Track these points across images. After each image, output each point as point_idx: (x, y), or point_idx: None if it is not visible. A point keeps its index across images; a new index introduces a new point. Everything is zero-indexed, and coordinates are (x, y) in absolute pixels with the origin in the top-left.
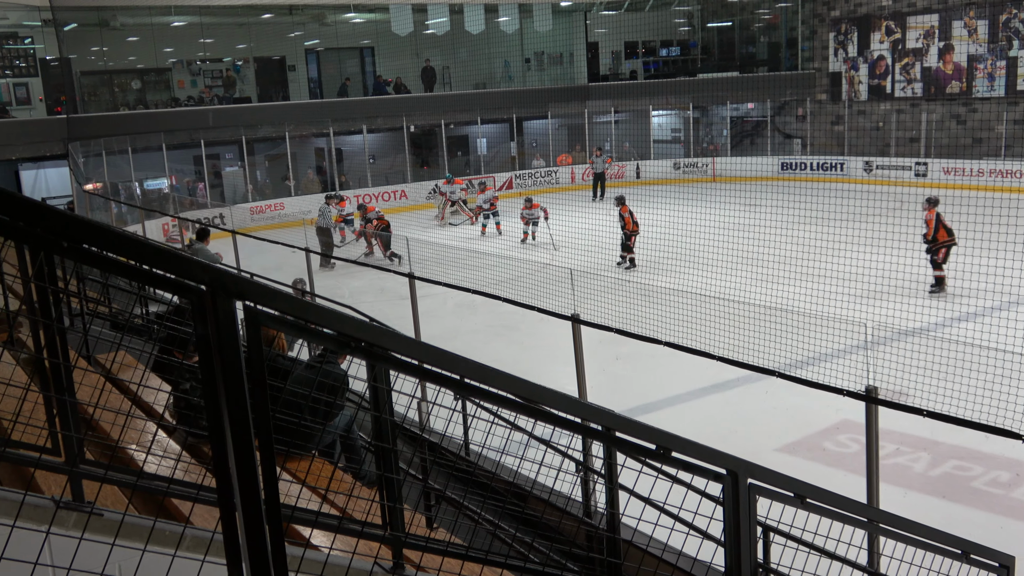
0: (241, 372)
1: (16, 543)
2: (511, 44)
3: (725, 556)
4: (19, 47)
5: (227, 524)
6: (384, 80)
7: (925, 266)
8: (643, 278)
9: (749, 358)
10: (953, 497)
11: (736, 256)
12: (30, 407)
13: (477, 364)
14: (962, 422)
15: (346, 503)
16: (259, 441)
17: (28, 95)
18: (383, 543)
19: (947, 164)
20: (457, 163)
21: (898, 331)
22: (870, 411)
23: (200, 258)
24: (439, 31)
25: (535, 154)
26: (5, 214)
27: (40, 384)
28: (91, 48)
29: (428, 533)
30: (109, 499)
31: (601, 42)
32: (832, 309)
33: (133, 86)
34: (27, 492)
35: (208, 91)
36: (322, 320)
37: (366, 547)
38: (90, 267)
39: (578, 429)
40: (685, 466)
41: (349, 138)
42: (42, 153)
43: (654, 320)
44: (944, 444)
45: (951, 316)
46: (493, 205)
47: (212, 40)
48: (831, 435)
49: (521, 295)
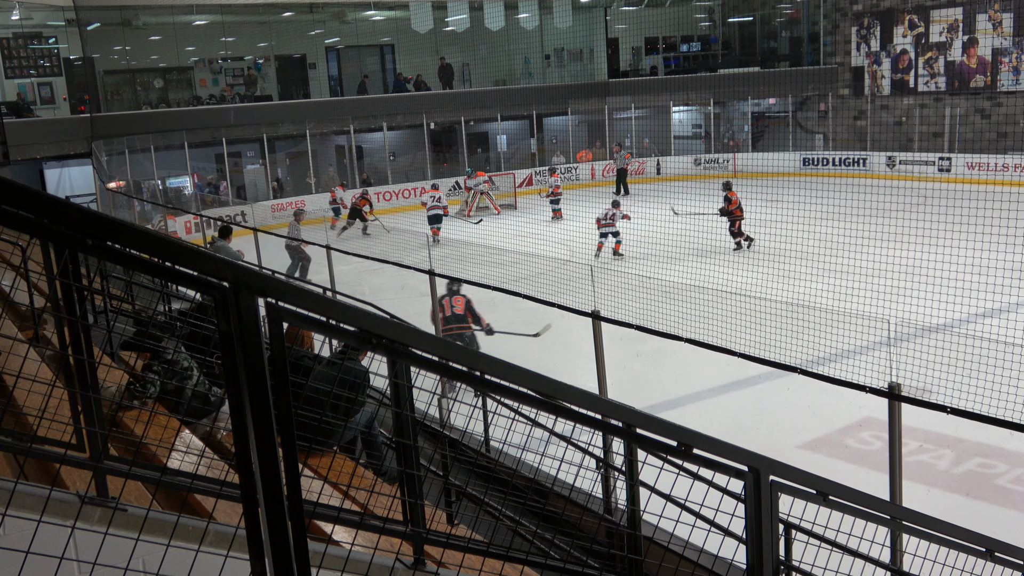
0: (264, 369)
1: (42, 538)
2: (531, 40)
3: (747, 553)
4: (43, 47)
5: (250, 520)
6: (404, 77)
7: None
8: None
9: (771, 355)
10: (977, 495)
11: (758, 252)
12: (55, 404)
13: (498, 360)
14: (986, 419)
15: (367, 499)
16: (281, 437)
17: (52, 94)
18: (404, 539)
19: (971, 159)
20: (477, 160)
21: (921, 327)
22: (893, 408)
23: (222, 255)
24: (459, 28)
25: (555, 151)
26: (30, 212)
27: (65, 381)
28: (114, 47)
29: (449, 529)
30: (133, 495)
31: (621, 38)
32: (855, 305)
33: (155, 85)
34: (53, 487)
35: (229, 89)
36: (344, 317)
37: (387, 543)
38: (113, 264)
39: (599, 426)
40: (706, 463)
41: (369, 135)
42: (66, 152)
43: (675, 316)
44: (968, 441)
45: (975, 312)
46: (557, 190)
47: (233, 39)
48: (854, 432)
49: (541, 291)
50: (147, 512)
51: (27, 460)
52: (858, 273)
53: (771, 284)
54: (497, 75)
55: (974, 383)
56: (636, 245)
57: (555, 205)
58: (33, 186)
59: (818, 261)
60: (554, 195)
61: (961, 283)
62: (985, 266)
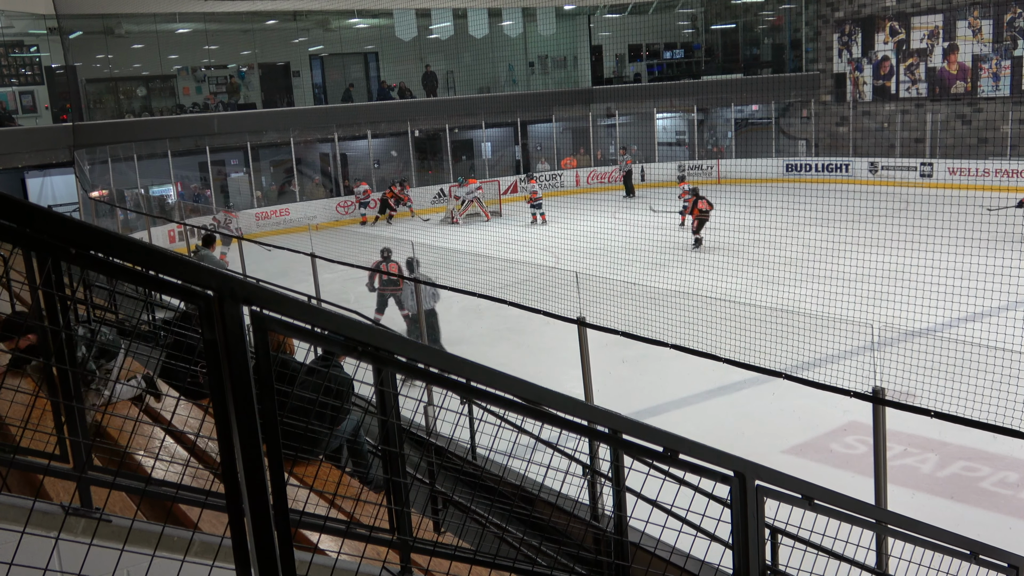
0: (249, 377)
1: (25, 550)
2: (515, 48)
3: (733, 558)
4: (25, 55)
5: (235, 529)
6: (388, 85)
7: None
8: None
9: (755, 360)
10: (961, 498)
11: (742, 258)
12: (38, 414)
13: (483, 367)
14: (970, 422)
15: (354, 508)
16: (267, 446)
17: (34, 103)
18: (391, 547)
19: (953, 164)
20: (462, 167)
21: (905, 332)
22: (877, 412)
23: (206, 264)
24: (443, 35)
25: (540, 157)
26: (12, 221)
27: (48, 391)
28: (96, 56)
29: (435, 537)
30: (117, 505)
31: (605, 45)
32: (838, 310)
33: (138, 93)
34: (36, 499)
35: (213, 97)
36: (329, 324)
37: (374, 551)
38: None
39: (585, 432)
40: (692, 468)
41: (354, 143)
42: (48, 161)
43: (660, 323)
44: (952, 445)
45: (958, 316)
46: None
47: (217, 47)
48: (838, 436)
49: (527, 298)
50: (132, 523)
51: (10, 471)
52: (841, 278)
53: (755, 290)
54: (481, 82)
55: (957, 387)
56: (621, 251)
57: (538, 209)
58: (15, 195)
59: (802, 266)
60: (533, 200)
61: (944, 287)
62: (968, 270)
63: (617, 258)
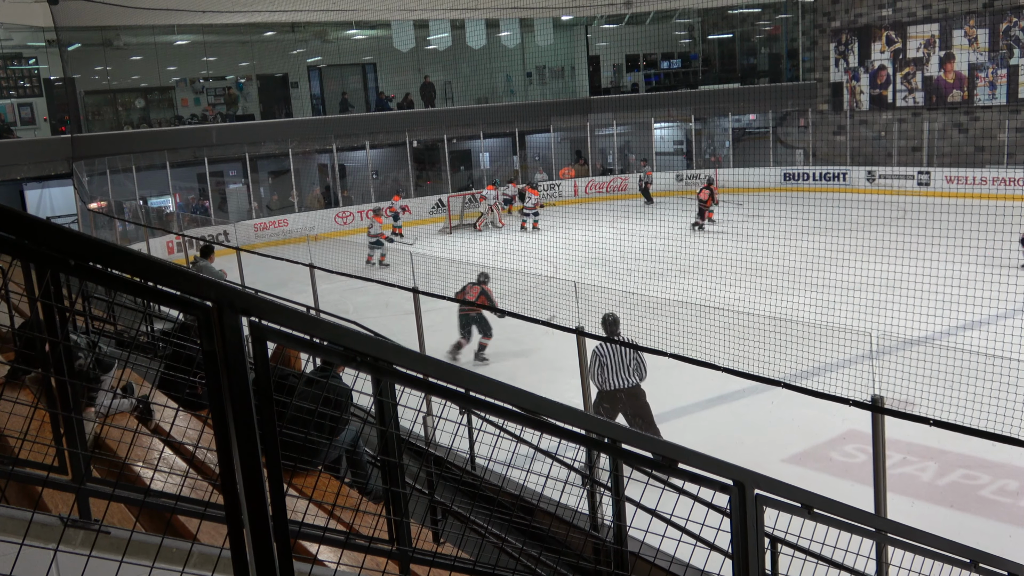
0: (248, 388)
1: (24, 562)
2: (513, 58)
3: (733, 567)
4: (23, 67)
5: (235, 541)
6: (386, 96)
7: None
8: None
9: (754, 369)
10: (961, 506)
11: (740, 267)
12: (37, 426)
13: (482, 377)
14: (969, 431)
15: (353, 518)
16: (266, 457)
17: (33, 115)
18: (390, 558)
19: (950, 173)
20: (460, 177)
21: (903, 340)
22: (876, 421)
23: (205, 275)
24: (441, 46)
25: (538, 167)
26: (11, 233)
27: (46, 402)
28: (95, 68)
29: (435, 548)
30: (116, 517)
31: (602, 55)
32: (837, 319)
33: (137, 105)
34: (35, 510)
35: (211, 109)
36: (328, 335)
37: (373, 562)
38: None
39: (584, 441)
40: (692, 477)
41: (352, 154)
42: (47, 172)
43: (659, 332)
44: (951, 453)
45: (956, 324)
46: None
47: (215, 58)
48: (838, 445)
49: (526, 308)
50: (131, 534)
51: (8, 483)
52: (840, 287)
53: (754, 299)
54: (479, 93)
55: (957, 395)
56: (619, 261)
57: (534, 217)
58: (13, 207)
59: (800, 275)
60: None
61: (942, 296)
62: (966, 279)
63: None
